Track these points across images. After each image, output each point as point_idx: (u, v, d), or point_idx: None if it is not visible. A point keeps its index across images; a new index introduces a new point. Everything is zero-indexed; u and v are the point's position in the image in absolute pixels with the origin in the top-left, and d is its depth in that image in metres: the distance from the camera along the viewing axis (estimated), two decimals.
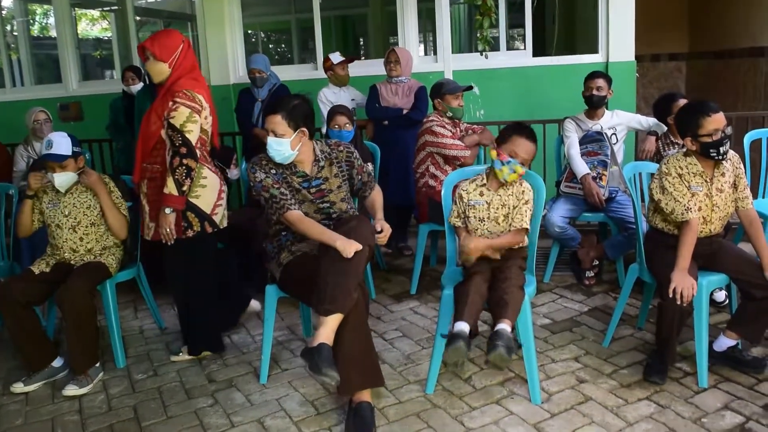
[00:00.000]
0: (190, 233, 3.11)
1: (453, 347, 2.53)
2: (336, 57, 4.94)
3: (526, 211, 2.84)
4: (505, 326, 2.57)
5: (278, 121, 2.72)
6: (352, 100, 4.93)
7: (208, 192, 3.14)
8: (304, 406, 2.84)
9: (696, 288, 2.71)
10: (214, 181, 3.18)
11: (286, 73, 5.99)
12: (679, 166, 2.86)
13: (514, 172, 2.79)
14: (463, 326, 2.59)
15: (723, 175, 2.88)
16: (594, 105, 4.10)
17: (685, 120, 2.85)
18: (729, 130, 2.87)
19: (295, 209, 2.77)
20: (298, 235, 2.88)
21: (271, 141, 2.73)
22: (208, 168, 3.17)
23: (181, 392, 3.05)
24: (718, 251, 2.94)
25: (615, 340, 3.26)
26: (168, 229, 3.04)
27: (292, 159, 2.80)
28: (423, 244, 4.09)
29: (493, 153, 2.84)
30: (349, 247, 2.54)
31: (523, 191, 2.87)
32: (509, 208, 2.86)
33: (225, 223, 3.27)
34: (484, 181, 2.90)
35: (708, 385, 2.79)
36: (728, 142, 2.83)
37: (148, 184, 3.14)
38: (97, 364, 3.22)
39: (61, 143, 3.16)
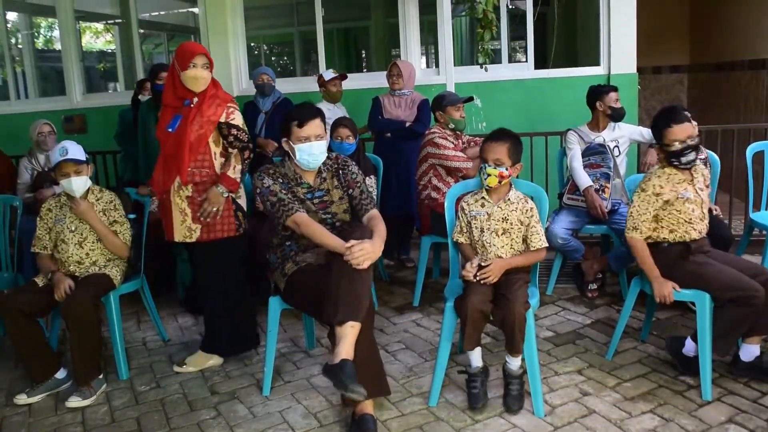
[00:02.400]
0: (240, 231, 3.26)
1: (473, 394, 2.79)
2: (328, 74, 5.00)
3: (540, 230, 2.87)
4: (515, 362, 2.78)
5: (318, 124, 2.87)
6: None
7: (242, 195, 3.35)
8: (307, 419, 2.83)
9: (671, 291, 2.87)
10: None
11: (289, 86, 6.02)
12: (660, 185, 2.95)
13: (489, 175, 2.82)
14: (474, 359, 2.82)
15: (699, 174, 3.05)
16: (618, 118, 4.12)
17: (653, 130, 3.02)
18: (696, 140, 2.93)
19: (302, 211, 2.81)
20: (302, 246, 2.91)
21: (321, 144, 2.85)
22: None
23: (183, 404, 3.05)
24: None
25: (618, 353, 3.25)
26: (217, 209, 3.16)
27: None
28: (425, 256, 4.09)
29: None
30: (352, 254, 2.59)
31: (531, 209, 2.88)
32: (511, 223, 2.87)
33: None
34: (484, 193, 2.92)
35: (712, 398, 2.78)
36: (692, 152, 2.92)
37: (195, 187, 3.19)
38: (101, 376, 3.23)
39: (75, 149, 3.23)
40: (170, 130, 3.16)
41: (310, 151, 2.84)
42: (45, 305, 3.21)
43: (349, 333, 2.50)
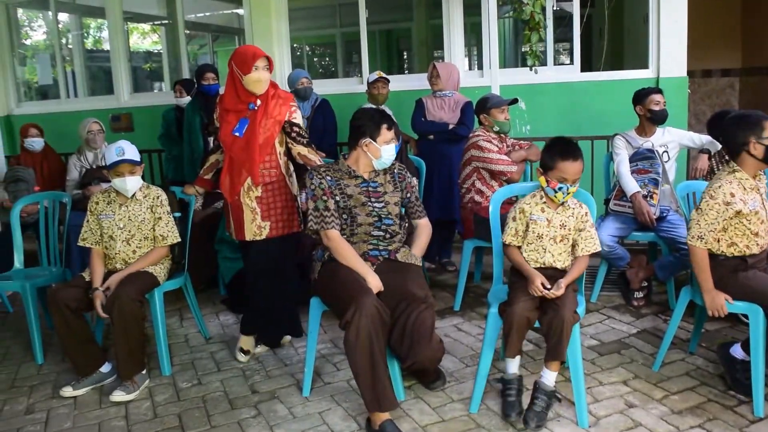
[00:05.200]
0: (302, 227, 3.34)
1: (509, 402, 2.74)
2: (372, 76, 5.00)
3: (594, 234, 2.83)
4: (551, 376, 2.73)
5: (395, 132, 3.01)
6: None
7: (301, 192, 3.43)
8: (347, 421, 2.82)
9: (723, 303, 2.79)
10: None
11: (331, 87, 6.05)
12: (731, 192, 2.79)
13: (568, 193, 2.76)
14: (511, 369, 2.78)
15: (763, 183, 2.90)
16: (659, 120, 4.02)
17: (742, 127, 2.82)
18: None
19: (336, 228, 2.89)
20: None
21: (391, 148, 2.96)
22: None
23: (224, 402, 3.07)
24: None
25: (665, 365, 3.16)
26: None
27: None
28: (467, 260, 4.05)
29: (542, 180, 2.80)
30: (375, 285, 2.77)
31: (586, 213, 2.83)
32: (569, 229, 2.81)
33: None
34: (544, 198, 2.86)
35: (764, 414, 2.67)
36: None
37: (264, 188, 3.24)
38: (144, 371, 3.27)
39: (131, 149, 3.29)
40: (238, 134, 3.19)
41: (392, 151, 2.96)
42: (91, 300, 3.24)
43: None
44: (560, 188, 2.73)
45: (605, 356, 3.32)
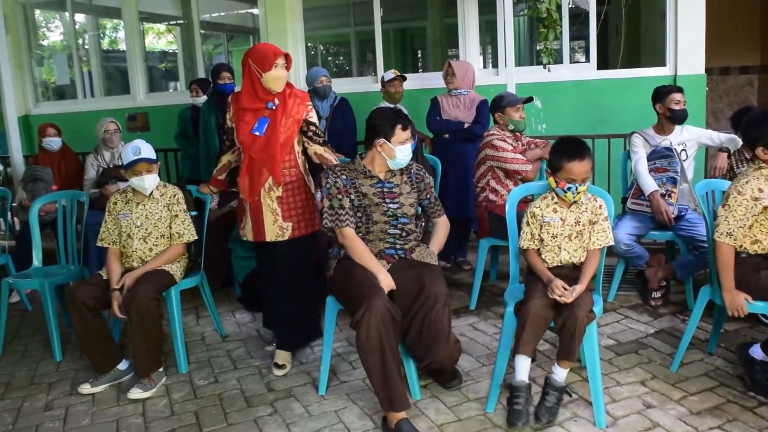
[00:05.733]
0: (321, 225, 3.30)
1: (515, 410, 2.66)
2: (388, 75, 4.98)
3: (607, 227, 2.81)
4: (562, 373, 2.68)
5: (411, 132, 2.98)
6: None
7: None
8: (363, 420, 2.82)
9: (743, 303, 2.77)
10: None
11: (345, 86, 6.04)
12: (759, 188, 2.75)
13: (578, 192, 2.75)
14: (521, 367, 2.69)
15: None
16: (678, 120, 3.98)
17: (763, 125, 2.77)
18: None
19: (351, 227, 2.89)
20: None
21: (406, 148, 2.94)
22: None
23: (241, 400, 3.08)
24: None
25: (684, 365, 3.13)
26: None
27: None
28: (483, 259, 4.04)
29: (551, 181, 2.79)
30: (387, 284, 2.78)
31: (600, 206, 2.81)
32: (583, 225, 2.80)
33: None
34: (555, 198, 2.84)
35: None
36: None
37: (285, 187, 3.24)
38: (161, 369, 3.29)
39: (147, 148, 3.31)
40: (258, 133, 3.18)
41: (407, 151, 2.95)
42: (108, 299, 3.26)
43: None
44: (569, 188, 2.73)
45: (623, 356, 3.29)
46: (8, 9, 6.96)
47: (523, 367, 2.71)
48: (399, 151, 2.91)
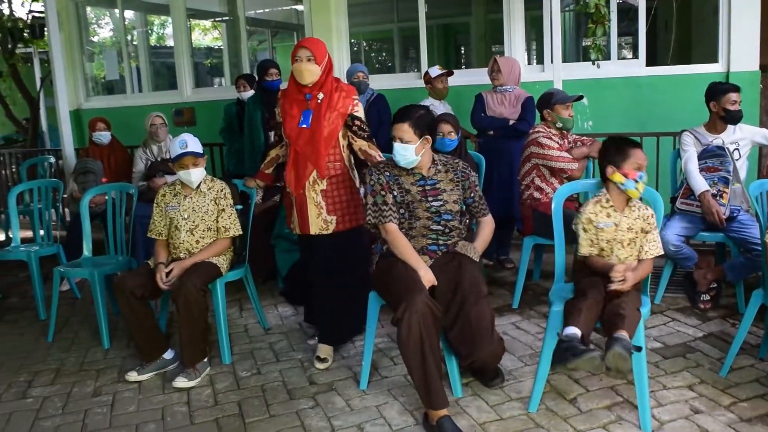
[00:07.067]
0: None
1: (562, 350, 2.48)
2: (435, 71, 4.94)
3: (657, 237, 2.77)
4: (622, 333, 2.47)
5: (405, 129, 2.87)
6: None
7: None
8: (404, 416, 2.82)
9: None
10: None
11: (388, 82, 6.05)
12: None
13: (638, 188, 2.72)
14: (573, 329, 2.51)
15: None
16: (733, 120, 3.87)
17: None
18: None
19: (395, 222, 2.89)
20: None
21: (397, 146, 2.89)
22: None
23: (283, 392, 3.11)
24: None
25: (733, 370, 3.04)
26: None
27: (415, 164, 2.92)
28: (527, 258, 3.99)
29: (618, 176, 2.72)
30: (428, 279, 2.77)
31: (651, 216, 2.77)
32: (635, 232, 2.75)
33: None
34: (610, 202, 2.79)
35: None
36: None
37: (329, 181, 3.27)
38: (205, 359, 3.35)
39: (194, 142, 3.37)
40: (304, 125, 3.21)
41: (397, 149, 2.89)
42: (155, 288, 3.34)
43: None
44: (641, 176, 2.70)
45: (669, 359, 3.22)
46: (62, 7, 7.15)
47: (572, 330, 2.52)
48: (395, 149, 2.89)
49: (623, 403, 2.81)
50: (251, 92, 5.23)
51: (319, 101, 3.21)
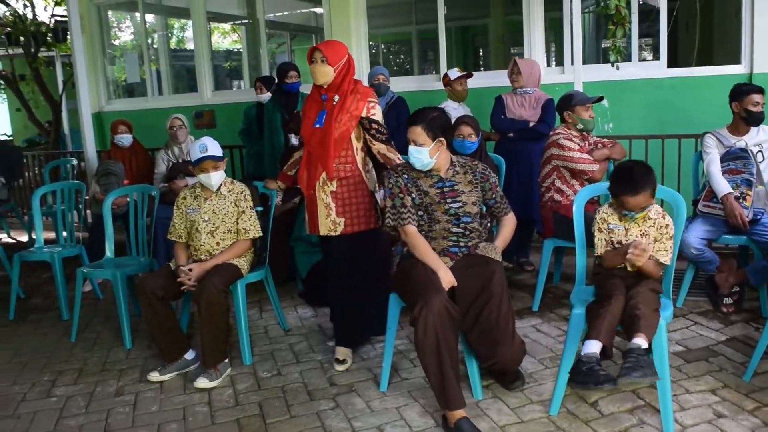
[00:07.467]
0: (379, 223, 3.34)
1: (583, 373, 2.47)
2: (454, 73, 4.94)
3: (670, 247, 2.74)
4: (639, 341, 2.47)
5: (419, 132, 2.86)
6: None
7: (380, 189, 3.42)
8: (424, 417, 2.82)
9: None
10: None
11: (406, 84, 6.05)
12: None
13: (636, 218, 2.71)
14: (594, 345, 2.51)
15: None
16: (754, 122, 3.82)
17: None
18: None
19: (413, 224, 2.89)
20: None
21: (412, 149, 2.89)
22: None
23: (303, 393, 3.13)
24: None
25: (757, 375, 3.00)
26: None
27: (430, 166, 2.91)
28: (547, 260, 3.97)
29: (613, 201, 2.76)
30: (447, 280, 2.76)
31: (667, 225, 2.74)
32: (650, 239, 2.73)
33: None
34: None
35: None
36: None
37: (339, 182, 3.28)
38: (226, 360, 3.37)
39: (214, 146, 3.40)
40: (318, 125, 3.24)
41: (411, 152, 2.90)
42: (177, 290, 3.37)
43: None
44: (625, 214, 2.70)
45: (692, 363, 3.19)
46: (84, 11, 7.24)
47: (593, 346, 2.53)
48: (410, 151, 2.90)
49: (645, 406, 2.79)
50: (268, 95, 5.25)
51: (334, 103, 3.23)
